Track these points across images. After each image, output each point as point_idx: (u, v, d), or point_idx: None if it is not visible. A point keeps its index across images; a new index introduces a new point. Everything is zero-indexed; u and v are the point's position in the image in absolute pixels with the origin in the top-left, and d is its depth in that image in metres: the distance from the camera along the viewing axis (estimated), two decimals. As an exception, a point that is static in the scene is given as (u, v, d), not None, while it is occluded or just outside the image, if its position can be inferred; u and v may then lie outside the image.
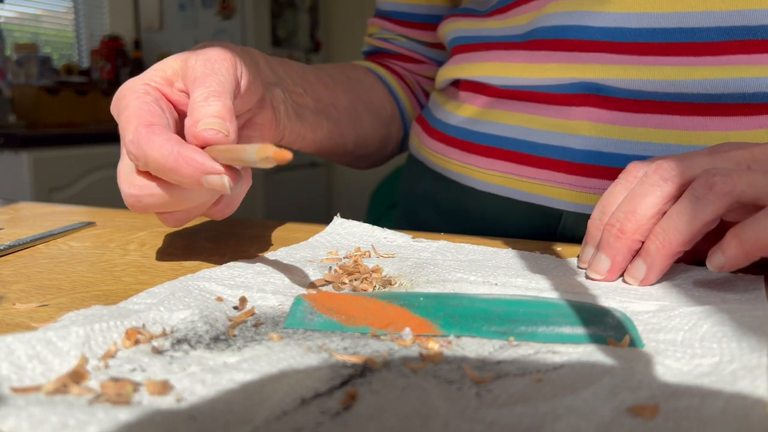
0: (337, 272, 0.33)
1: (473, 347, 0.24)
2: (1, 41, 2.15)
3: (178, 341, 0.24)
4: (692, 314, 0.26)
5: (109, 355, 0.22)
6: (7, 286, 0.32)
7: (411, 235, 0.43)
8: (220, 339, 0.24)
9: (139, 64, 2.52)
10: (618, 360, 0.22)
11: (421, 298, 0.28)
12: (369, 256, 0.37)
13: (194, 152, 0.30)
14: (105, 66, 2.51)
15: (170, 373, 0.21)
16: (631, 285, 0.32)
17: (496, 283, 0.31)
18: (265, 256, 0.37)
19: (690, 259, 0.34)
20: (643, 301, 0.29)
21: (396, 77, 0.65)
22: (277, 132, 0.43)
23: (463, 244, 0.41)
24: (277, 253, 0.38)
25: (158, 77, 0.35)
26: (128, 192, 0.32)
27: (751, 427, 0.17)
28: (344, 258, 0.37)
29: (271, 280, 0.32)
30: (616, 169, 0.43)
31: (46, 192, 1.81)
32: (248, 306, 0.28)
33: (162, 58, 0.43)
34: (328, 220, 0.45)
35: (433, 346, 0.23)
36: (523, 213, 0.48)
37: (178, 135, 0.32)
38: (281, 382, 0.20)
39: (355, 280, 0.32)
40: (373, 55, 0.68)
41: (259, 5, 2.69)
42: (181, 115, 0.36)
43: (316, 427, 0.17)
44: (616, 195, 0.34)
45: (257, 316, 0.27)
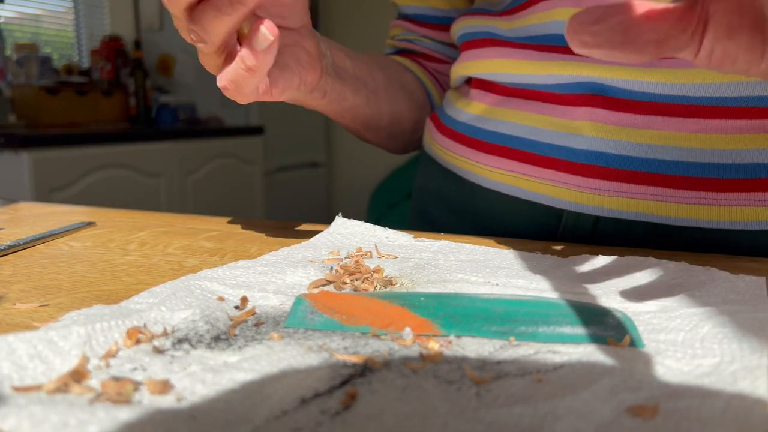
0: (338, 272, 0.33)
1: (473, 347, 0.24)
2: (1, 41, 2.15)
3: (179, 341, 0.24)
4: (693, 315, 0.26)
5: (110, 355, 0.22)
6: (8, 286, 0.32)
7: (413, 235, 0.43)
8: (221, 338, 0.24)
9: (139, 64, 2.52)
10: (618, 360, 0.22)
11: (422, 298, 0.28)
12: (370, 257, 0.37)
13: None
14: (105, 66, 2.51)
15: (171, 372, 0.21)
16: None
17: (497, 284, 0.31)
18: (267, 256, 0.37)
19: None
20: (644, 302, 0.29)
21: (424, 71, 0.66)
22: (321, 72, 0.44)
23: (464, 244, 0.41)
24: (279, 253, 0.38)
25: None
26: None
27: (751, 428, 0.17)
28: (345, 258, 0.37)
29: (273, 279, 0.32)
30: (617, 170, 0.42)
31: (46, 192, 1.81)
32: (249, 305, 0.28)
33: (162, 58, 0.43)
34: (328, 220, 0.45)
35: (434, 346, 0.23)
36: (528, 212, 0.48)
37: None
38: (281, 381, 0.20)
39: (356, 280, 0.32)
40: (396, 55, 0.69)
41: (259, 5, 2.68)
42: None
43: (315, 427, 0.17)
44: None
45: (258, 316, 0.27)
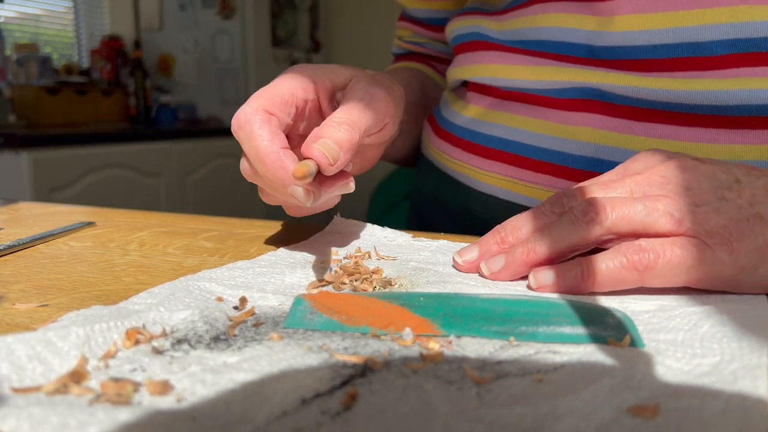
0: (337, 273, 0.33)
1: (473, 347, 0.24)
2: (1, 41, 2.15)
3: (178, 341, 0.23)
4: (692, 314, 0.26)
5: (110, 356, 0.22)
6: (7, 286, 0.32)
7: (411, 234, 0.43)
8: (220, 339, 0.24)
9: (139, 64, 2.52)
10: (618, 360, 0.22)
11: (422, 298, 0.28)
12: (369, 257, 0.37)
13: (289, 159, 0.33)
14: (105, 66, 2.51)
15: (170, 373, 0.21)
16: (482, 276, 0.33)
17: (496, 286, 0.31)
18: (265, 257, 0.37)
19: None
20: (643, 301, 0.29)
21: (439, 75, 0.67)
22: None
23: (463, 244, 0.41)
24: (278, 253, 0.38)
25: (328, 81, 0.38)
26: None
27: (751, 427, 0.17)
28: (344, 258, 0.37)
29: (271, 280, 0.32)
30: None
31: (46, 192, 1.81)
32: (248, 306, 0.28)
33: (162, 58, 0.42)
34: (328, 220, 0.45)
35: (434, 346, 0.23)
36: None
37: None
38: (282, 382, 0.20)
39: (355, 280, 0.32)
40: (406, 55, 0.69)
41: (259, 5, 2.69)
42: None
43: (316, 428, 0.17)
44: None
45: (257, 316, 0.27)
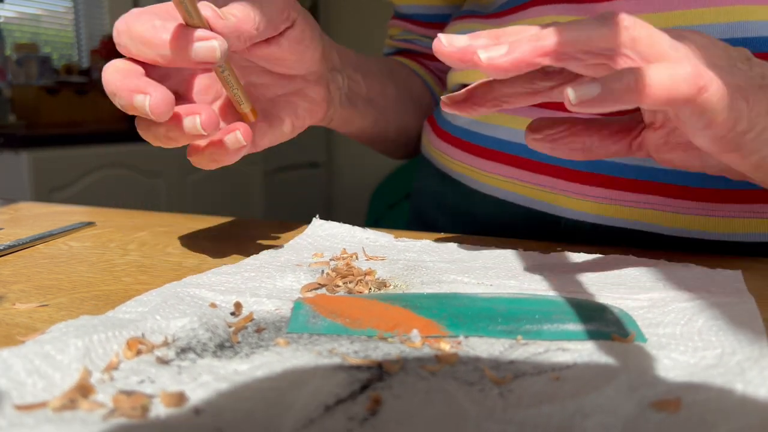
0: (330, 275, 0.32)
1: (483, 347, 0.24)
2: (1, 41, 2.14)
3: (183, 350, 0.23)
4: (685, 309, 0.27)
5: (112, 367, 0.21)
6: (7, 286, 0.32)
7: (393, 235, 0.42)
8: (225, 346, 0.23)
9: (139, 64, 2.52)
10: (628, 356, 0.22)
11: (422, 299, 0.28)
12: (357, 258, 0.37)
13: (181, 28, 0.29)
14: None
15: (182, 383, 0.20)
16: (476, 45, 0.28)
17: (491, 284, 0.31)
18: (249, 261, 0.36)
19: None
20: (634, 295, 0.29)
21: (427, 71, 0.66)
22: (326, 114, 0.44)
23: (447, 243, 0.41)
24: (261, 257, 0.37)
25: None
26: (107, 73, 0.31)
27: None
28: (332, 261, 0.36)
29: (263, 284, 0.31)
30: (615, 178, 0.42)
31: (46, 192, 1.80)
32: (245, 311, 0.27)
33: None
34: (327, 219, 0.45)
35: (444, 347, 0.23)
36: (523, 218, 0.47)
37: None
38: (300, 389, 0.20)
39: (349, 282, 0.31)
40: (397, 53, 0.69)
41: (259, 5, 2.68)
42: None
43: (347, 435, 0.17)
44: None
45: (257, 322, 0.26)
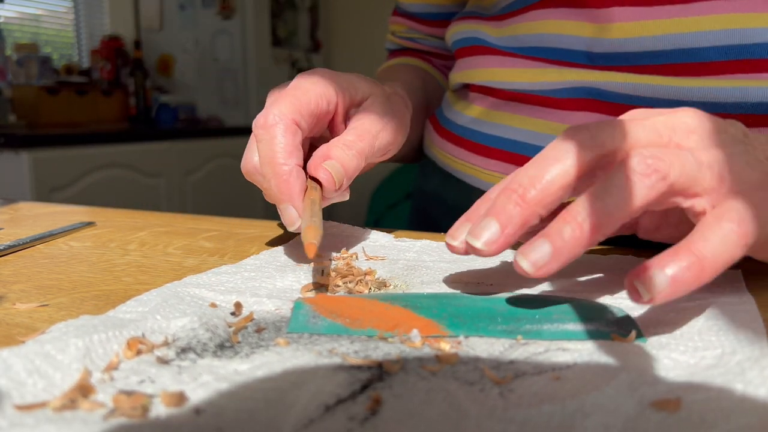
0: (330, 275, 0.32)
1: (483, 347, 0.24)
2: (1, 41, 2.14)
3: (183, 350, 0.23)
4: (686, 309, 0.27)
5: (112, 367, 0.21)
6: (7, 286, 0.32)
7: (393, 234, 0.42)
8: (225, 346, 0.23)
9: (139, 64, 2.52)
10: (628, 355, 0.22)
11: (422, 299, 0.28)
12: (357, 258, 0.37)
13: (298, 180, 0.35)
14: (105, 66, 2.50)
15: (182, 383, 0.20)
16: (522, 271, 0.24)
17: (491, 284, 0.31)
18: (249, 261, 0.36)
19: None
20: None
21: (438, 70, 0.67)
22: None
23: (443, 244, 0.40)
24: (261, 257, 0.37)
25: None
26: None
27: None
28: (331, 261, 0.36)
29: (263, 284, 0.31)
30: None
31: (46, 192, 1.80)
32: (245, 311, 0.27)
33: (162, 58, 0.42)
34: (327, 219, 0.45)
35: (444, 347, 0.23)
36: None
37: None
38: (301, 389, 0.20)
39: (349, 282, 0.31)
40: (400, 51, 0.69)
41: (259, 5, 2.68)
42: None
43: (347, 434, 0.17)
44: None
45: (257, 321, 0.26)
